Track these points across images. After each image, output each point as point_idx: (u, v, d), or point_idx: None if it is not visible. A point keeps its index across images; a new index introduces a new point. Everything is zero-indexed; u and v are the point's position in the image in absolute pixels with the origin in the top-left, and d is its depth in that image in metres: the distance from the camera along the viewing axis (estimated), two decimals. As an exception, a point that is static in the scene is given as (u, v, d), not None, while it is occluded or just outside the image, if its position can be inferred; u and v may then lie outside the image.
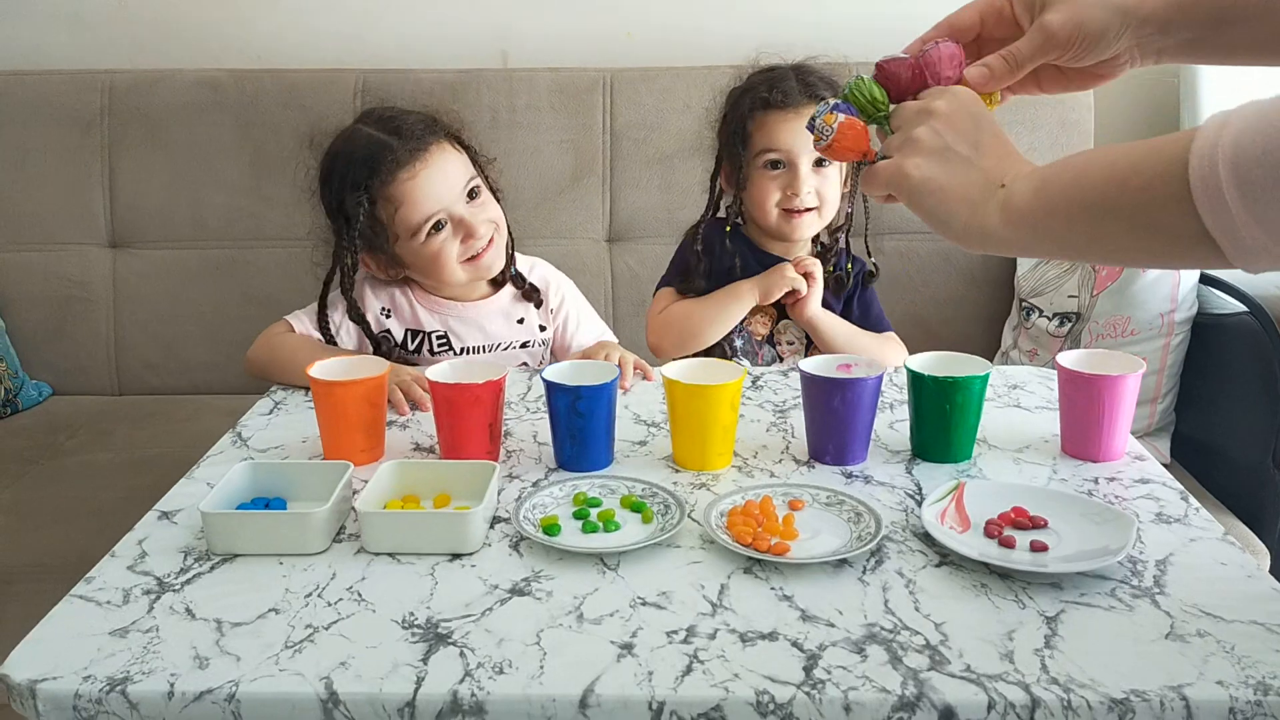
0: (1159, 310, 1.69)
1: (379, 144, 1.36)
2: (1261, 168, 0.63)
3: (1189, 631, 0.79)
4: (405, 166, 1.34)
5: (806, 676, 0.73)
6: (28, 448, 1.77)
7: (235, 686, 0.72)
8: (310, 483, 0.98)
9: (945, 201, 0.82)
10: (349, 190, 1.36)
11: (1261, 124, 0.64)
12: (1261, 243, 0.65)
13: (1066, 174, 0.76)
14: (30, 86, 2.00)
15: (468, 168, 1.41)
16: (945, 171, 0.82)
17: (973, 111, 0.84)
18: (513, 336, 1.49)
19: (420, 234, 1.36)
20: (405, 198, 1.34)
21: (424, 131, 1.38)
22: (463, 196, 1.38)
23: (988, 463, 1.09)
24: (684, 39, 2.12)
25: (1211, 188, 0.65)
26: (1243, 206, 0.64)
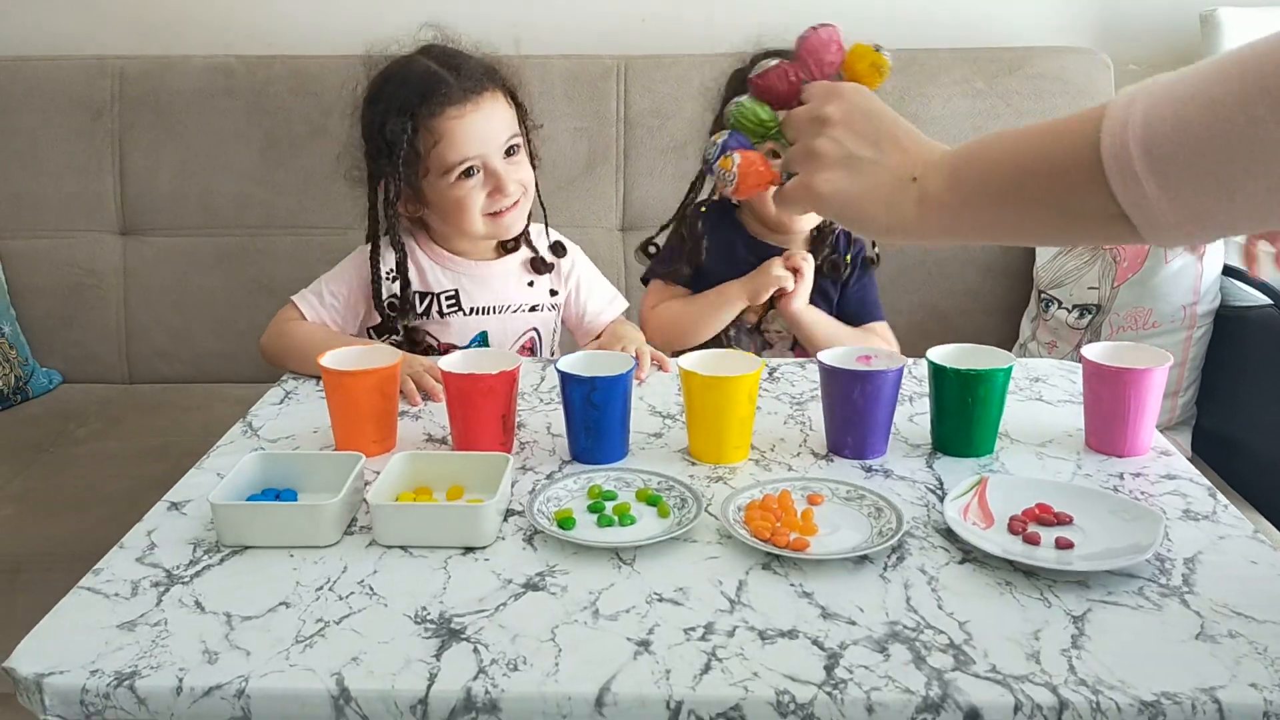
0: (1181, 302, 1.66)
1: (435, 76, 1.35)
2: (1171, 142, 0.63)
3: (1220, 632, 0.77)
4: (455, 104, 1.34)
5: (828, 676, 0.71)
6: (38, 436, 1.76)
7: (245, 682, 0.71)
8: (321, 474, 0.97)
9: (862, 208, 0.80)
10: (394, 114, 1.34)
11: (1169, 99, 0.64)
12: (1173, 218, 0.65)
13: (977, 162, 0.75)
14: (41, 73, 1.99)
15: (513, 124, 1.39)
16: (854, 179, 0.80)
17: (865, 109, 0.82)
18: (523, 299, 1.47)
19: (452, 174, 1.35)
20: (447, 134, 1.34)
21: (482, 76, 1.37)
22: (501, 150, 1.37)
23: (1010, 457, 1.07)
24: (698, 26, 2.10)
25: (1124, 164, 0.65)
26: (1154, 182, 0.64)
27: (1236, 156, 0.61)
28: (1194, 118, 0.62)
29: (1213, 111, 0.62)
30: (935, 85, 1.94)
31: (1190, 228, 0.65)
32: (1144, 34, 2.10)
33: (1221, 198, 0.63)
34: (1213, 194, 0.63)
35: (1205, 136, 0.62)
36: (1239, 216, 0.64)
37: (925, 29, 2.07)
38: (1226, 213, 0.64)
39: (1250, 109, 0.60)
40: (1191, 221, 0.65)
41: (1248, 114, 0.60)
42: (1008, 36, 2.07)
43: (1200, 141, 0.62)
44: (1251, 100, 0.60)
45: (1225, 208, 0.63)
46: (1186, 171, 0.63)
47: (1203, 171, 0.63)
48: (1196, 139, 0.62)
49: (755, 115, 0.90)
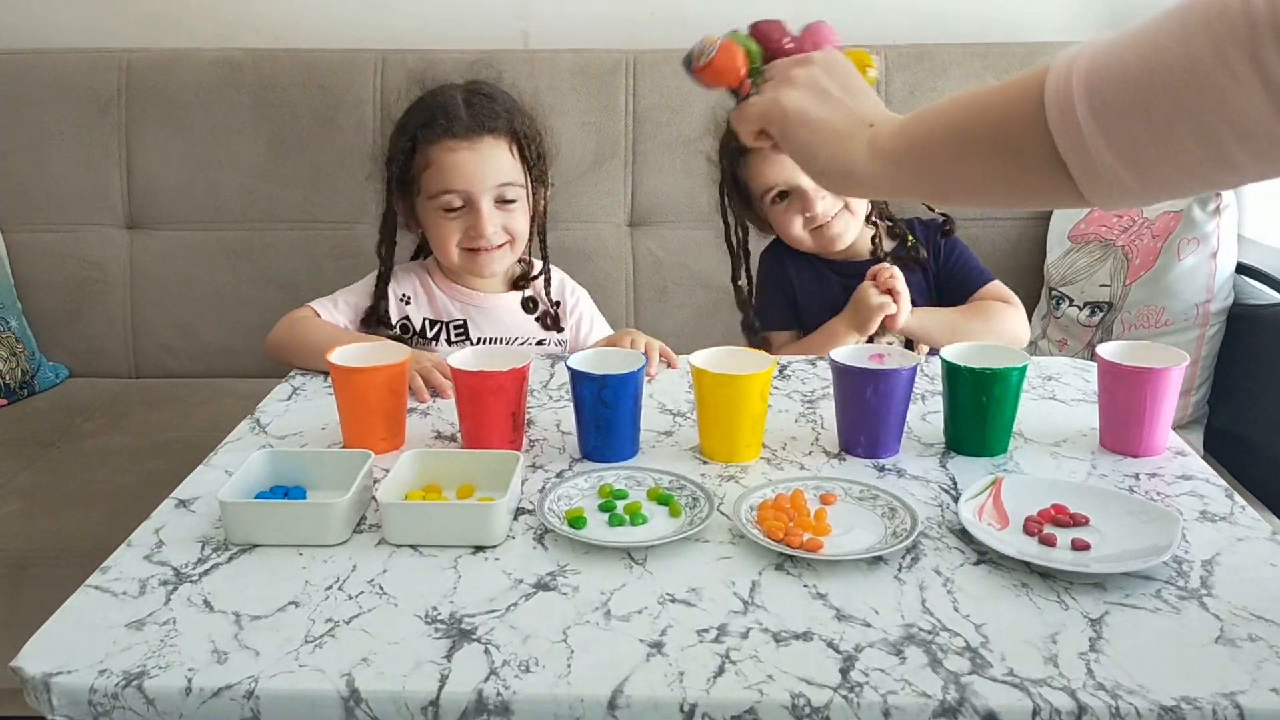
0: (1194, 300, 1.65)
1: (448, 108, 1.40)
2: (1111, 84, 0.63)
3: (1240, 635, 0.76)
4: (455, 137, 1.38)
5: (843, 679, 0.71)
6: (44, 430, 1.75)
7: (254, 683, 0.70)
8: (330, 471, 0.96)
9: (815, 133, 0.83)
10: (403, 132, 1.42)
11: (1114, 48, 0.64)
12: (1110, 163, 0.65)
13: (927, 114, 0.78)
14: (47, 66, 1.98)
15: (514, 174, 1.42)
16: (818, 105, 0.83)
17: (848, 67, 0.86)
18: (530, 333, 1.49)
19: (435, 201, 1.39)
20: (438, 162, 1.38)
21: (494, 122, 1.40)
22: (491, 193, 1.39)
23: (1024, 457, 1.06)
24: (707, 20, 2.08)
25: (1065, 107, 0.65)
26: (1093, 125, 0.64)
27: (1172, 97, 0.61)
28: (1134, 59, 0.63)
29: (1153, 53, 0.62)
30: (946, 80, 1.93)
31: (1126, 177, 0.65)
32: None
33: (1156, 142, 0.63)
34: (1148, 138, 0.63)
35: (1144, 77, 0.62)
36: (1175, 167, 0.64)
37: (937, 24, 2.06)
38: (1161, 159, 0.63)
39: (1189, 47, 0.60)
40: (1128, 169, 0.65)
41: (1186, 53, 0.60)
42: (1019, 31, 2.06)
43: (1139, 81, 0.62)
44: (1192, 42, 0.60)
45: (1160, 154, 0.63)
46: (1124, 113, 0.63)
47: (1139, 112, 0.62)
48: (1135, 79, 0.62)
49: (746, 44, 0.92)
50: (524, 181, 1.43)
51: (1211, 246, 1.64)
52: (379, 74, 1.94)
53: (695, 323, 1.96)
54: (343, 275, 1.95)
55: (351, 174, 1.94)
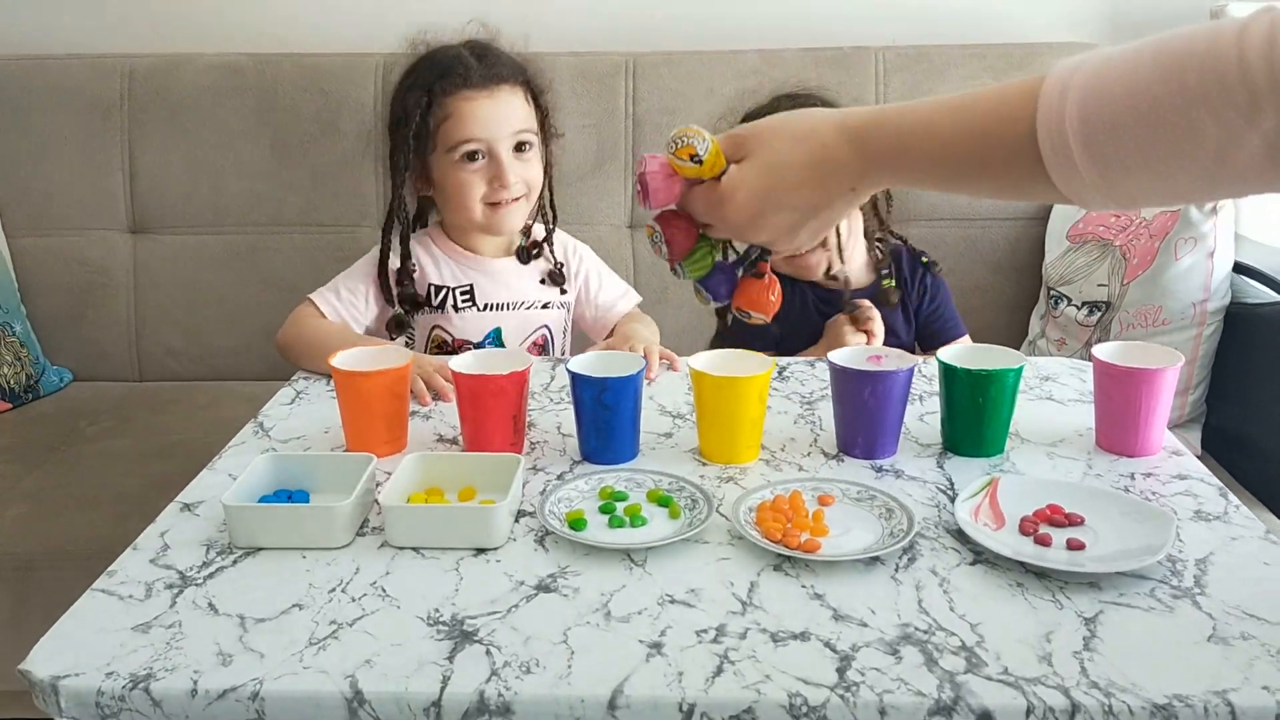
0: (1191, 299, 1.66)
1: (460, 59, 1.41)
2: (1106, 123, 0.65)
3: (1232, 634, 0.77)
4: (472, 87, 1.39)
5: (840, 679, 0.72)
6: (49, 434, 1.76)
7: (259, 685, 0.71)
8: (333, 475, 0.97)
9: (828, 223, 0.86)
10: (415, 88, 1.41)
11: (1105, 80, 0.66)
12: (1098, 192, 0.67)
13: (915, 156, 0.78)
14: (50, 71, 1.99)
15: (528, 121, 1.42)
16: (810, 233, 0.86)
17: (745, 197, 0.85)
18: (535, 296, 1.49)
19: (455, 152, 1.39)
20: (457, 112, 1.38)
21: (505, 70, 1.42)
22: (510, 141, 1.40)
23: (1021, 457, 1.07)
24: (708, 22, 2.09)
25: (1058, 142, 0.67)
26: (1086, 158, 0.66)
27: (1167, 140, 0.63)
28: (1124, 101, 0.65)
29: (1150, 97, 0.64)
30: (943, 81, 1.94)
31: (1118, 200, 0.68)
32: (1153, 30, 2.06)
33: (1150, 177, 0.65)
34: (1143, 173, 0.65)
35: (1140, 128, 0.64)
36: (1164, 194, 0.66)
37: (934, 25, 2.06)
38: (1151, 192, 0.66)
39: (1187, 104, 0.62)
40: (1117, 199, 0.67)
41: (1183, 108, 0.62)
42: (1016, 32, 2.07)
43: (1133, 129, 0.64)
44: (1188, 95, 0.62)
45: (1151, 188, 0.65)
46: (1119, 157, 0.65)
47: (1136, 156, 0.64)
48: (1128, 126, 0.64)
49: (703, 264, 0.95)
50: (537, 130, 1.44)
51: (1209, 246, 1.65)
52: (380, 78, 1.96)
53: (695, 324, 1.96)
54: (345, 278, 1.96)
55: (354, 177, 1.95)
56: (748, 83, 1.78)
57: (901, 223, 1.95)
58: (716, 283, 0.96)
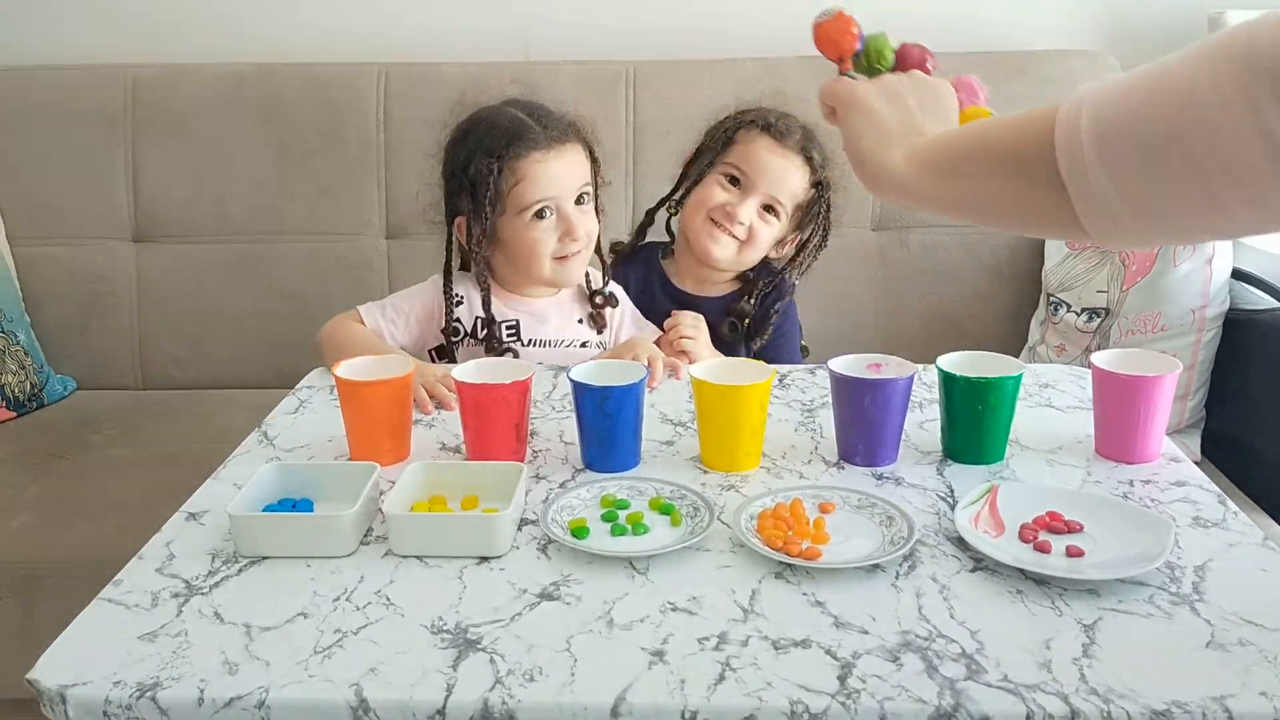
0: (1190, 306, 1.66)
1: (523, 123, 1.43)
2: (1115, 118, 0.66)
3: (1230, 640, 0.77)
4: (541, 148, 1.41)
5: (841, 686, 0.72)
6: (53, 443, 1.77)
7: (265, 693, 0.72)
8: (337, 484, 0.98)
9: (868, 125, 0.88)
10: (482, 154, 1.42)
11: (1126, 82, 0.67)
12: (1108, 195, 0.67)
13: (955, 143, 0.82)
14: (54, 81, 2.00)
15: (587, 175, 1.46)
16: (885, 106, 0.89)
17: (943, 95, 0.91)
18: (575, 334, 1.52)
19: (527, 213, 1.41)
20: (529, 174, 1.40)
21: (565, 127, 1.45)
22: (574, 197, 1.43)
23: (1020, 464, 1.08)
24: (707, 31, 2.10)
25: (1071, 132, 0.68)
26: (1095, 152, 0.66)
27: (1169, 130, 0.63)
28: (1141, 91, 0.65)
29: (1160, 86, 0.64)
30: (944, 89, 1.94)
31: (1122, 209, 0.67)
32: (1151, 36, 2.10)
33: (1152, 176, 0.65)
34: (1145, 171, 0.65)
35: (1146, 108, 0.64)
36: (1170, 205, 0.65)
37: (932, 33, 2.04)
38: (1157, 196, 0.65)
39: (1193, 82, 0.62)
40: (1124, 201, 0.67)
41: (1189, 88, 0.62)
42: (1015, 40, 2.07)
43: (1140, 112, 0.65)
44: (1196, 75, 0.62)
45: (1155, 189, 0.65)
46: (1123, 142, 0.65)
47: (1138, 143, 0.65)
48: (1138, 109, 0.65)
49: (880, 48, 1.00)
50: (592, 182, 1.48)
51: (1207, 253, 1.66)
52: (382, 87, 1.97)
53: (696, 331, 1.97)
54: (348, 286, 1.98)
55: (356, 186, 1.96)
56: (747, 91, 1.78)
57: (902, 229, 1.97)
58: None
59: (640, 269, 1.63)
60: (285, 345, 2.00)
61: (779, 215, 1.53)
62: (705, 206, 1.52)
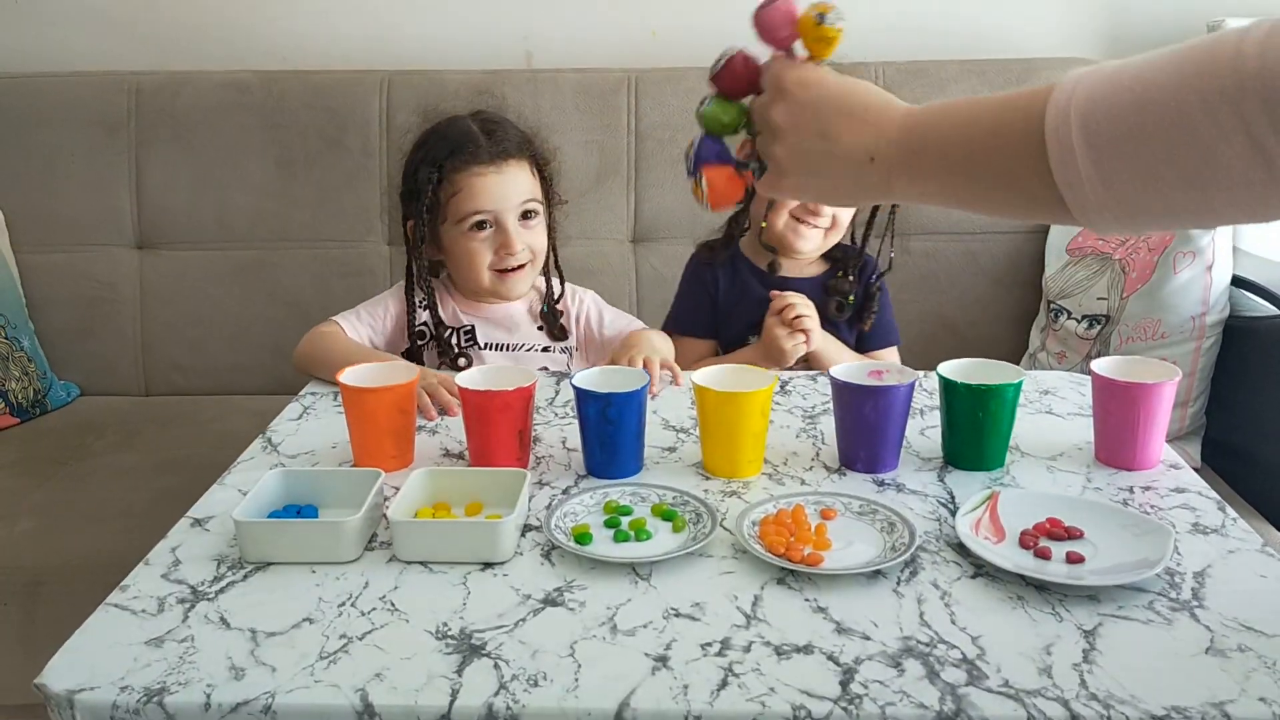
0: (1190, 313, 1.67)
1: (470, 135, 1.48)
2: (1108, 121, 0.65)
3: (1229, 646, 0.78)
4: (482, 163, 1.45)
5: (843, 691, 0.73)
6: (56, 449, 1.78)
7: (271, 698, 0.72)
8: (342, 490, 0.98)
9: (830, 195, 0.86)
10: (426, 163, 1.47)
11: (1113, 81, 0.66)
12: (1100, 198, 0.67)
13: (933, 137, 0.77)
14: (58, 88, 2.01)
15: (533, 191, 1.49)
16: (814, 176, 0.83)
17: (806, 101, 0.82)
18: (535, 340, 1.54)
19: (464, 224, 1.45)
20: (467, 186, 1.44)
21: (513, 145, 1.49)
22: (517, 211, 1.46)
23: (1021, 471, 1.08)
24: (708, 39, 2.10)
25: (1063, 139, 0.67)
26: (1088, 158, 0.66)
27: (1162, 141, 0.63)
28: (1129, 99, 0.65)
29: (1146, 95, 0.64)
30: (943, 96, 1.92)
31: (1117, 211, 0.67)
32: (1151, 44, 2.07)
33: (1145, 181, 0.65)
34: (1138, 176, 0.65)
35: (1136, 119, 0.64)
36: (1163, 207, 0.66)
37: (933, 41, 2.08)
38: (1151, 198, 0.65)
39: (1180, 96, 0.62)
40: (1118, 205, 0.67)
41: (1177, 101, 0.62)
42: (1015, 48, 2.08)
43: (1131, 123, 0.64)
44: (1185, 88, 0.62)
45: (1149, 193, 0.65)
46: (1116, 150, 0.65)
47: (1130, 151, 0.65)
48: (1128, 119, 0.64)
49: (718, 119, 0.90)
50: (542, 199, 1.51)
51: (1207, 260, 1.66)
52: (385, 95, 1.97)
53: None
54: (350, 292, 1.98)
55: (358, 193, 1.97)
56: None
57: (903, 236, 1.97)
58: (713, 147, 0.92)
59: (726, 264, 1.61)
60: (288, 351, 1.98)
61: None
62: (785, 207, 1.52)
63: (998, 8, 2.11)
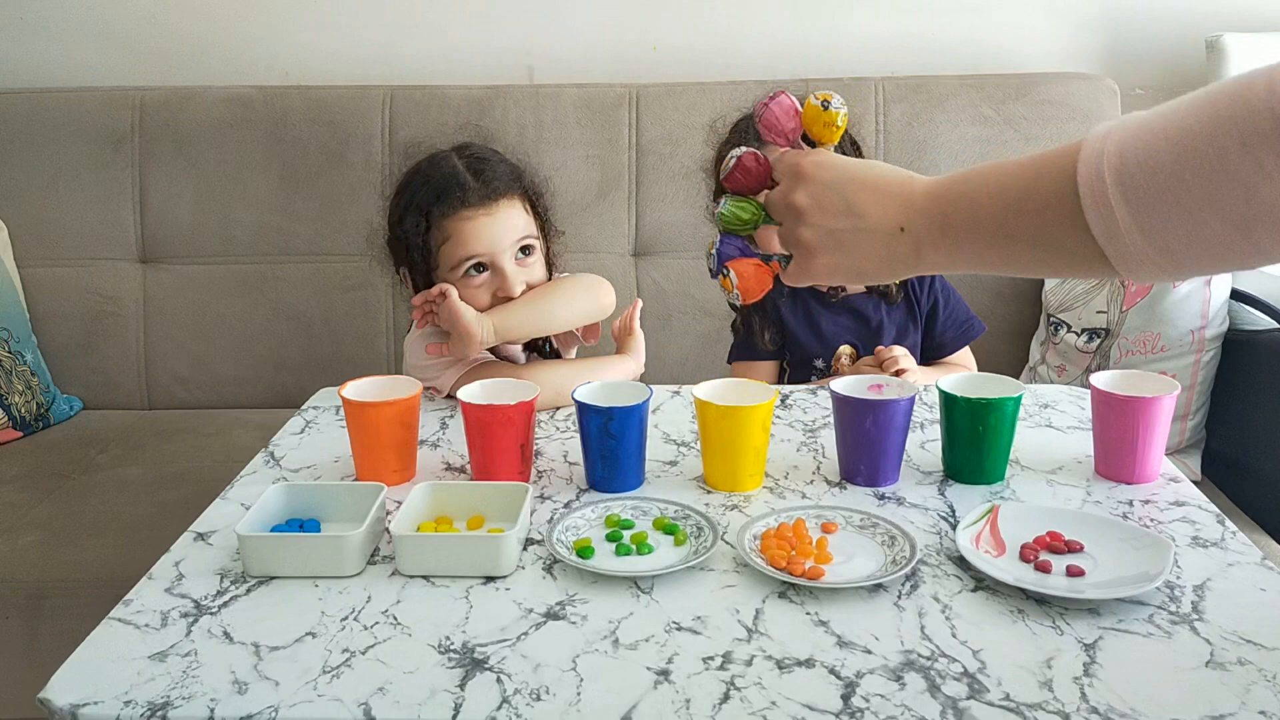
0: (1190, 326, 1.67)
1: (456, 179, 1.39)
2: (1144, 172, 0.65)
3: (1229, 659, 0.78)
4: (470, 207, 1.37)
5: (845, 704, 0.73)
6: (59, 462, 1.78)
7: (275, 712, 0.73)
8: (344, 504, 0.99)
9: (861, 272, 0.84)
10: (412, 210, 1.40)
11: (1144, 132, 0.66)
12: (1141, 249, 0.66)
13: (963, 205, 0.76)
14: (62, 104, 2.03)
15: (528, 228, 1.42)
16: (844, 254, 0.83)
17: (828, 181, 0.83)
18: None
19: (458, 270, 1.37)
20: (457, 234, 1.37)
21: (502, 184, 1.40)
22: (513, 250, 1.39)
23: (1021, 484, 1.09)
24: (709, 54, 2.13)
25: (1099, 194, 0.67)
26: (1126, 211, 0.66)
27: (1202, 187, 0.63)
28: (1164, 147, 0.64)
29: (1182, 142, 0.64)
30: (943, 111, 1.96)
31: (1161, 261, 0.67)
32: (1150, 59, 2.12)
33: (1187, 229, 0.65)
34: (1180, 225, 0.65)
35: (1173, 167, 0.64)
36: (1205, 252, 0.66)
37: (933, 56, 2.10)
38: (1193, 245, 0.65)
39: (1217, 141, 0.62)
40: (1161, 255, 0.66)
41: (1214, 145, 0.62)
42: (1014, 63, 2.10)
43: (1169, 171, 0.64)
44: (1220, 132, 0.62)
45: (1192, 240, 0.65)
46: (1155, 201, 0.65)
47: (1170, 201, 0.64)
48: (1165, 168, 0.64)
49: (738, 217, 0.91)
50: (538, 234, 1.44)
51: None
52: (387, 109, 1.99)
53: (699, 351, 1.98)
54: (353, 306, 1.99)
55: (361, 207, 1.98)
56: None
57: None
58: (735, 243, 0.94)
59: (786, 299, 1.60)
60: (290, 365, 2.01)
61: None
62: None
63: (996, 23, 2.12)
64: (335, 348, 2.00)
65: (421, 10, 2.13)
